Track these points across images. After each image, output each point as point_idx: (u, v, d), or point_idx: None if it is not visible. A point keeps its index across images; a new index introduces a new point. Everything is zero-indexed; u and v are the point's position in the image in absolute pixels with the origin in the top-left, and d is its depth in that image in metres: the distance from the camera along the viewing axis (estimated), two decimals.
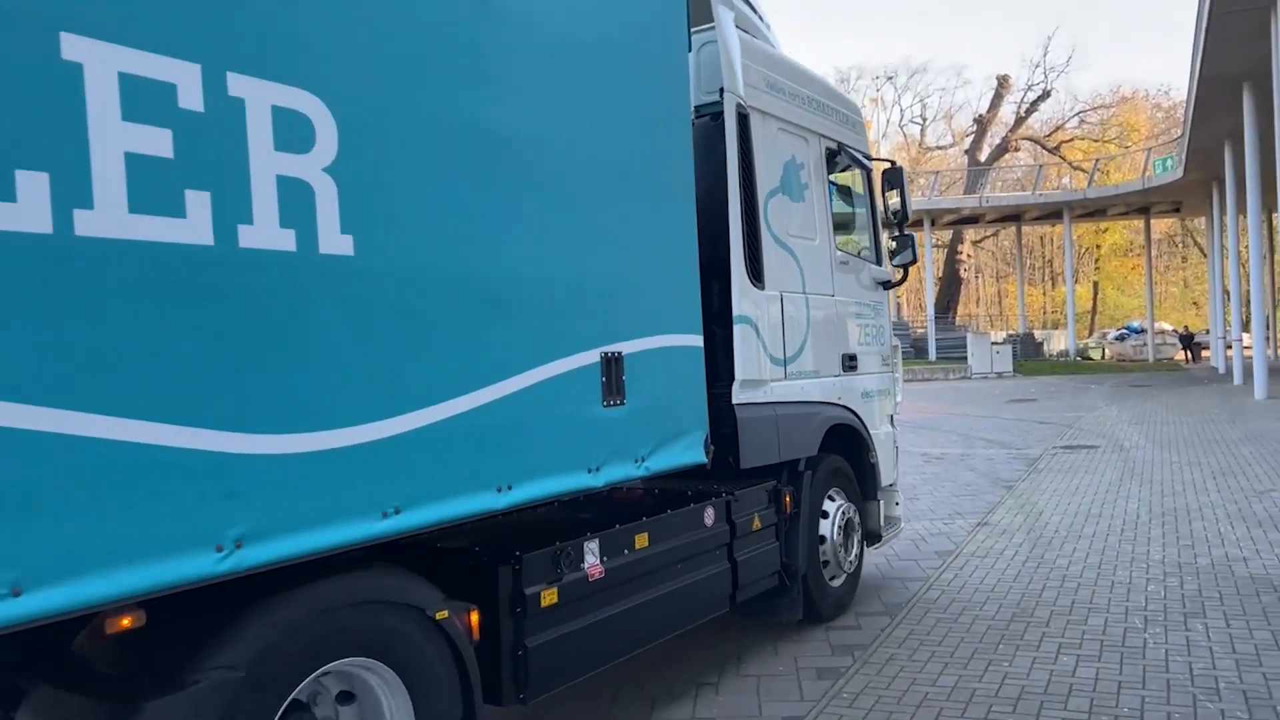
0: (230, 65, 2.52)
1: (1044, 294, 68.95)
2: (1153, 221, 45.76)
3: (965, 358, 36.63)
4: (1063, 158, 54.75)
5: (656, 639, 4.36)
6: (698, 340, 4.52)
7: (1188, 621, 5.49)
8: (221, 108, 2.49)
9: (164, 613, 2.54)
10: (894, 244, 6.67)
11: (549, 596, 3.68)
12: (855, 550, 6.12)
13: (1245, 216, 23.96)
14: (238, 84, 2.54)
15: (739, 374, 4.99)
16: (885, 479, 6.56)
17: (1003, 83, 56.11)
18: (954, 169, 53.92)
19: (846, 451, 6.13)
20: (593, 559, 3.94)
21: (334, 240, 2.78)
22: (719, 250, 4.92)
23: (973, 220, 46.18)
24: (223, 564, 2.48)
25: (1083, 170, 50.14)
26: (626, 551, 4.13)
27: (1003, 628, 5.53)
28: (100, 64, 2.25)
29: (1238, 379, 26.50)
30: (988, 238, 62.35)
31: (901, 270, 6.84)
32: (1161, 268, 63.70)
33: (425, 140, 3.11)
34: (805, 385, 5.60)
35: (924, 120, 65.11)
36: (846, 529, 5.98)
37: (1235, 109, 21.04)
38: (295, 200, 2.67)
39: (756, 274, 5.14)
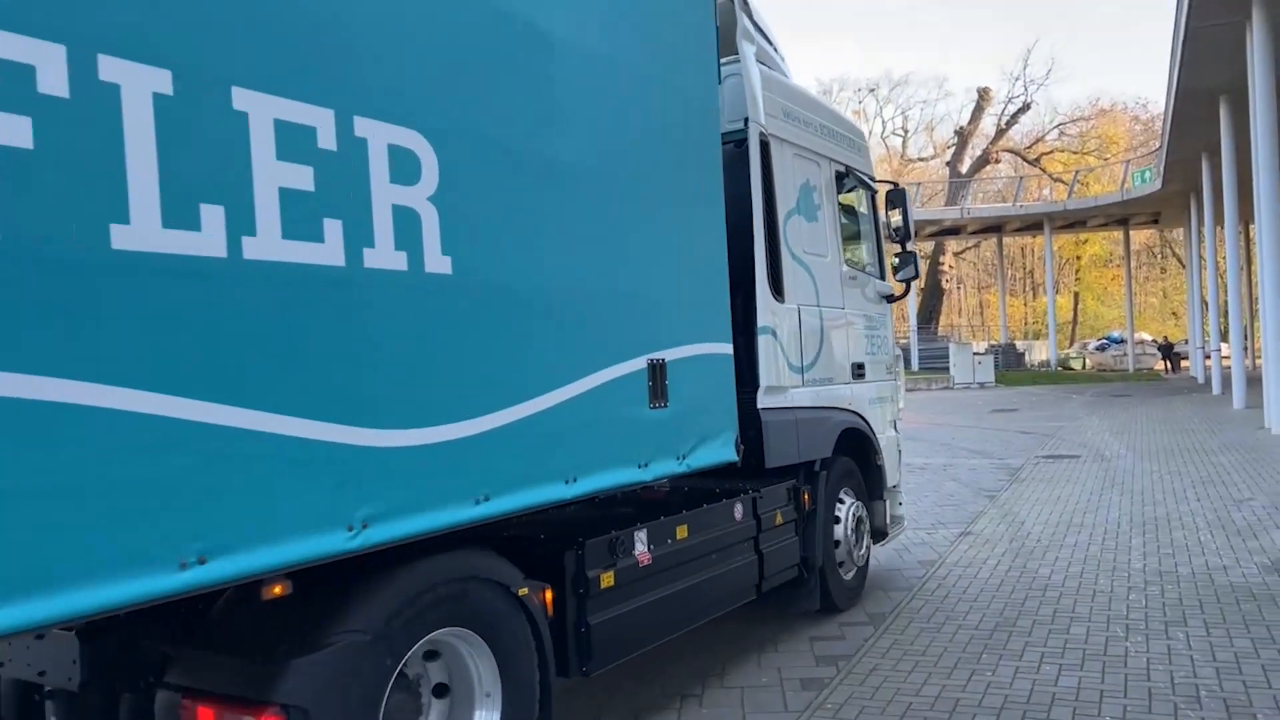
0: (356, 109, 2.93)
1: (1025, 304, 69.41)
2: (1132, 233, 46.21)
3: (948, 368, 36.81)
4: (1043, 169, 55.19)
5: (695, 622, 4.80)
6: (728, 348, 4.92)
7: (1169, 630, 5.52)
8: (350, 147, 2.91)
9: (305, 583, 2.94)
10: (897, 260, 7.13)
11: (607, 579, 4.11)
12: (864, 546, 6.57)
13: (1223, 228, 24.24)
14: (362, 126, 2.94)
15: (763, 380, 5.37)
16: (890, 480, 6.98)
17: (983, 95, 56.61)
18: (935, 180, 54.28)
19: (856, 454, 6.53)
20: (642, 546, 4.38)
21: (436, 260, 3.20)
22: (744, 266, 5.26)
23: (954, 231, 46.48)
24: (352, 541, 2.87)
25: (1063, 182, 50.57)
26: (670, 541, 4.56)
27: (986, 637, 5.54)
28: (261, 112, 2.66)
29: (1216, 389, 26.74)
30: (969, 249, 62.77)
31: (904, 284, 7.37)
32: (1141, 278, 64.26)
33: (507, 171, 3.55)
34: (820, 392, 6.00)
35: (906, 132, 65.51)
36: (857, 526, 6.45)
37: (1212, 122, 21.25)
38: (406, 226, 3.08)
39: (777, 288, 5.55)
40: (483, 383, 3.39)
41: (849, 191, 6.66)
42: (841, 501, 6.29)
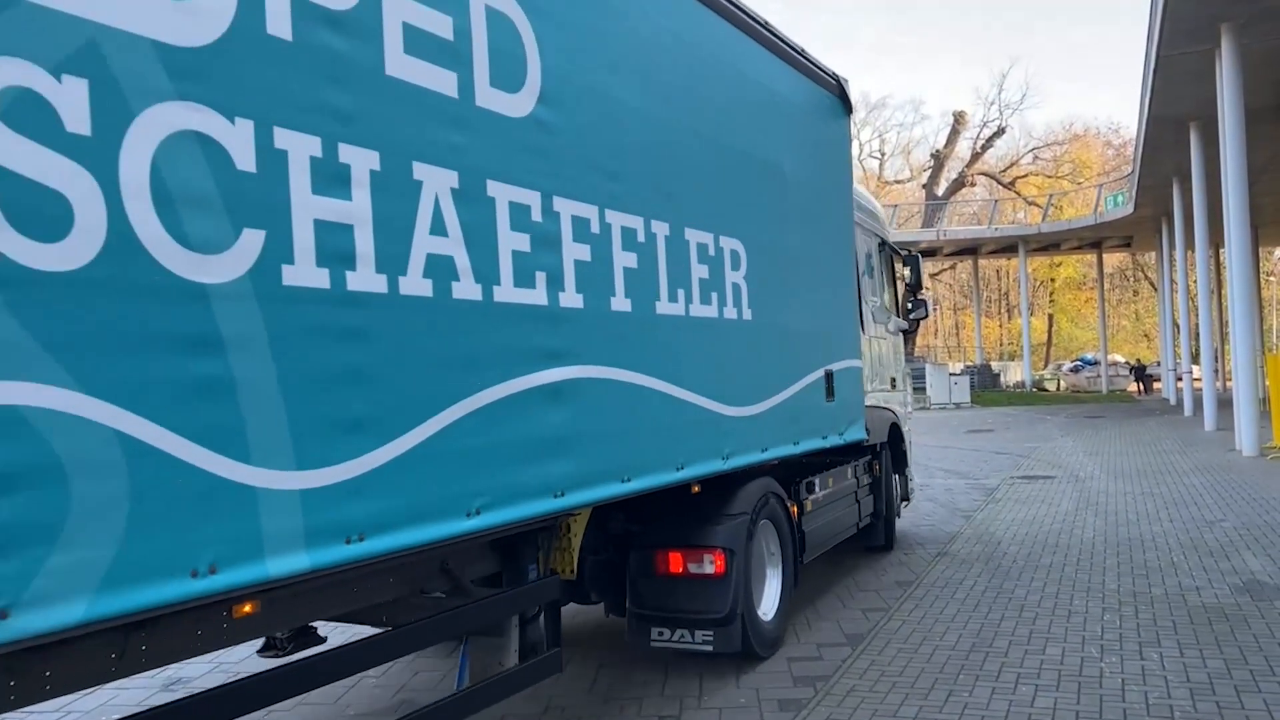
0: (722, 231, 5.41)
1: (1000, 326, 70.02)
2: (1105, 256, 46.73)
3: (924, 388, 37.02)
4: (1017, 193, 55.85)
5: (833, 544, 7.28)
6: (859, 363, 7.50)
7: (1143, 651, 5.56)
8: (719, 253, 5.37)
9: (708, 486, 5.43)
10: (910, 305, 9.80)
11: (808, 504, 6.63)
12: (899, 505, 9.45)
13: (1193, 252, 24.56)
14: (723, 240, 5.42)
15: None
16: (908, 461, 9.69)
17: (959, 119, 57.25)
18: (912, 203, 54.80)
19: (892, 441, 8.97)
20: (818, 487, 6.85)
21: (746, 312, 5.62)
22: None
23: (931, 253, 46.85)
24: (724, 465, 5.31)
25: (1037, 205, 51.17)
26: (827, 485, 7.06)
27: (962, 658, 5.56)
28: (694, 240, 5.12)
29: (1188, 410, 27.05)
30: (945, 270, 63.30)
31: (915, 322, 10.03)
32: (1114, 301, 64.99)
33: (771, 257, 5.98)
34: (877, 395, 8.34)
35: (883, 155, 66.20)
36: (897, 490, 9.25)
37: (1183, 148, 21.57)
38: (736, 293, 5.52)
39: (861, 324, 7.79)
40: (763, 382, 5.81)
41: (881, 254, 8.99)
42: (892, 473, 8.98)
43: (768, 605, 5.84)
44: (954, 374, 38.05)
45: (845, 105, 7.51)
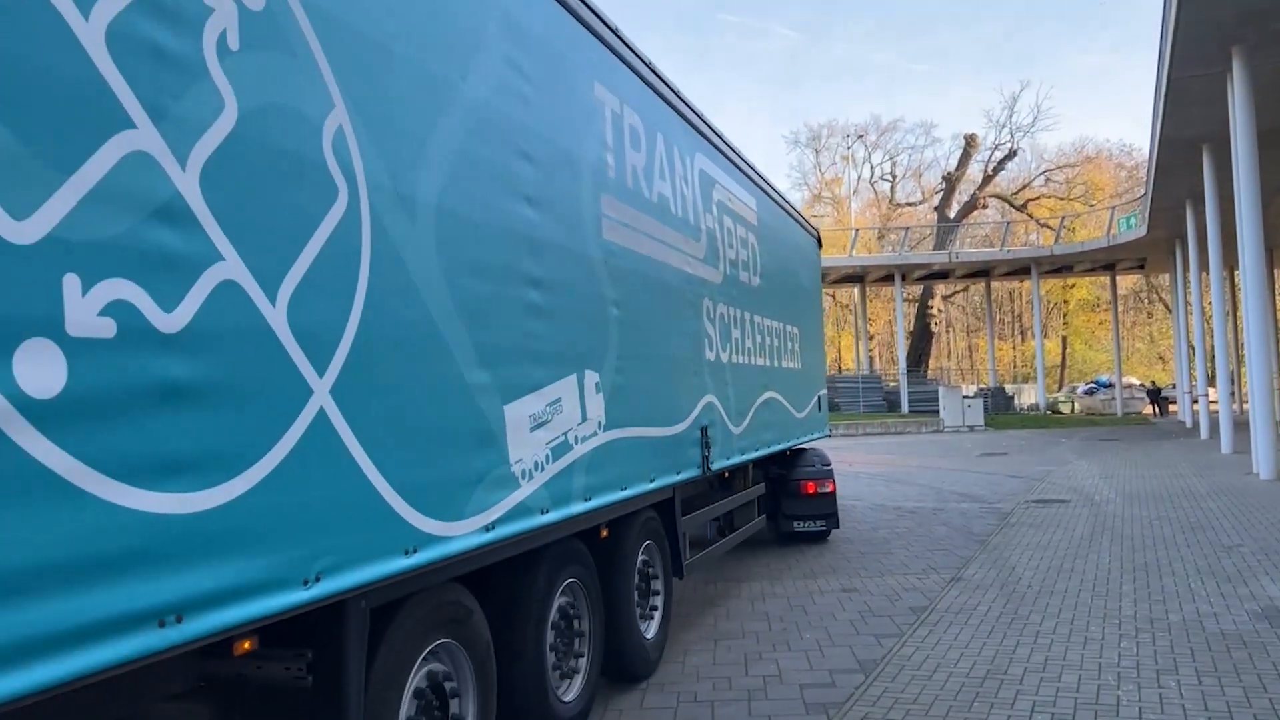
0: (793, 322, 10.56)
1: (1014, 348, 69.73)
2: (1118, 278, 46.53)
3: (937, 411, 36.86)
4: (1030, 215, 55.76)
5: None
6: (826, 390, 12.48)
7: (1160, 678, 5.49)
8: (790, 336, 10.34)
9: (793, 452, 11.35)
10: None
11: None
12: None
13: (1208, 273, 24.45)
14: (788, 329, 10.28)
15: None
16: None
17: (970, 142, 57.30)
18: (924, 225, 54.78)
19: None
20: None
21: (799, 364, 10.74)
22: None
23: (943, 275, 46.82)
24: (796, 441, 10.63)
25: (1049, 227, 51.10)
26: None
27: (977, 685, 5.51)
28: (785, 331, 10.19)
29: (1204, 433, 26.82)
30: (958, 293, 63.19)
31: None
32: (1128, 323, 64.70)
33: (804, 333, 11.19)
34: None
35: (894, 177, 66.16)
36: None
37: (1195, 169, 21.52)
38: (796, 354, 10.62)
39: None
40: (803, 400, 10.78)
41: None
42: None
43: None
44: (967, 396, 37.83)
45: (818, 241, 13.03)
